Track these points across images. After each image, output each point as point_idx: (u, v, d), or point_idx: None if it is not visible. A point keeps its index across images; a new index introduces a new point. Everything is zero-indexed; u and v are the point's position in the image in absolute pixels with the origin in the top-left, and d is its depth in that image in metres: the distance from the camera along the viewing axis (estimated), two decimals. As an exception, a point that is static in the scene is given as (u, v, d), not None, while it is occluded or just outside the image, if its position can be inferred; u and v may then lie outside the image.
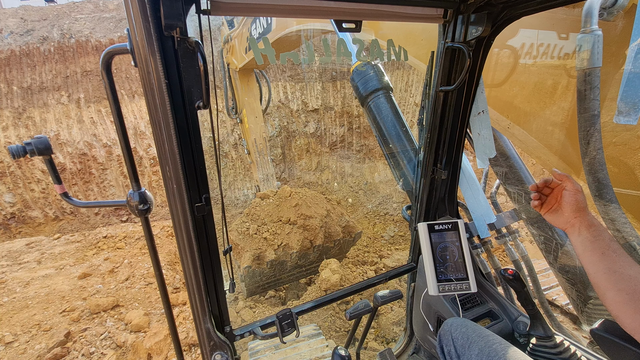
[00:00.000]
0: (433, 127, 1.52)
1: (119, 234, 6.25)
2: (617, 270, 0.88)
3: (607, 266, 0.91)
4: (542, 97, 1.96)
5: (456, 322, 1.27)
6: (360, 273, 5.24)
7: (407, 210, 1.94)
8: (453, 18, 1.26)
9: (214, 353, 1.21)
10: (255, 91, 5.22)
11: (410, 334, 2.07)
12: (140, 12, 0.73)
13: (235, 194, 9.72)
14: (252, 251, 4.82)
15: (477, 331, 1.18)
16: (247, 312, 4.60)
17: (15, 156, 0.90)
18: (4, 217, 8.26)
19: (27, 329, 3.75)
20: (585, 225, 1.00)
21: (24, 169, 8.44)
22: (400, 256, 6.06)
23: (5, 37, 9.12)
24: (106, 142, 8.95)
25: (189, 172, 0.97)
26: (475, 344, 1.13)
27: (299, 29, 3.13)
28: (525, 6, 1.15)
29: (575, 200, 1.02)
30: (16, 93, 8.77)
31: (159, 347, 3.61)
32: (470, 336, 1.17)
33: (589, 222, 1.00)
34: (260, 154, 5.53)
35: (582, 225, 1.01)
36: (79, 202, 1.06)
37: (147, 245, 1.12)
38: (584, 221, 1.01)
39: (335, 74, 10.44)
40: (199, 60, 0.84)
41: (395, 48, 1.31)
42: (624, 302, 0.83)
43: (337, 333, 4.00)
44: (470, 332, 1.19)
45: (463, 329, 1.22)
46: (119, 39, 9.54)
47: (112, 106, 0.92)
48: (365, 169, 10.26)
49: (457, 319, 1.29)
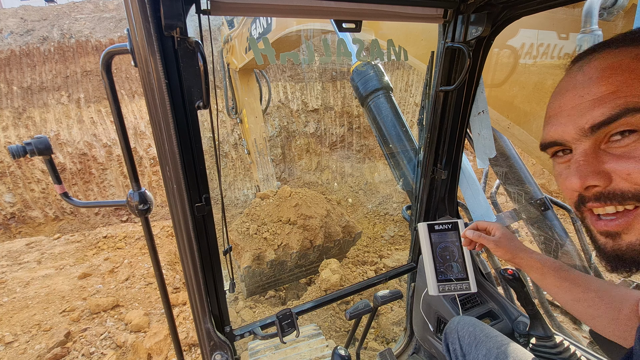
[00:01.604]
0: (433, 127, 1.52)
1: (119, 234, 6.25)
2: (580, 298, 0.86)
3: (569, 298, 0.89)
4: (542, 97, 1.96)
5: (463, 320, 1.26)
6: (360, 273, 5.24)
7: (407, 210, 1.94)
8: (453, 18, 1.26)
9: (214, 353, 1.21)
10: (255, 91, 5.22)
11: (410, 334, 2.07)
12: (140, 12, 0.73)
13: (235, 194, 9.72)
14: (252, 251, 4.82)
15: (484, 331, 1.17)
16: (247, 312, 4.60)
17: (15, 156, 0.90)
18: (4, 217, 8.26)
19: (27, 329, 3.75)
20: (526, 268, 0.99)
21: (24, 169, 8.44)
22: (400, 256, 6.06)
23: (5, 37, 9.12)
24: (106, 142, 8.95)
25: (189, 172, 0.97)
26: (483, 344, 1.12)
27: (299, 29, 3.13)
28: (525, 6, 1.15)
29: (503, 249, 1.02)
30: (16, 93, 8.77)
31: (159, 347, 3.61)
32: (478, 336, 1.15)
33: (529, 265, 0.98)
34: (260, 154, 5.53)
35: (524, 267, 1.00)
36: (79, 202, 1.06)
37: (147, 245, 1.12)
38: (524, 264, 0.99)
39: (335, 74, 10.44)
40: (199, 60, 0.84)
41: (395, 48, 1.31)
42: (602, 326, 0.81)
43: (337, 333, 4.00)
44: (477, 332, 1.17)
45: (470, 327, 1.21)
46: (119, 39, 9.54)
47: (112, 106, 0.92)
48: (365, 169, 10.26)
49: (465, 317, 1.29)
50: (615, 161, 0.48)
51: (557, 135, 0.54)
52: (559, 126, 0.53)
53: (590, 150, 0.50)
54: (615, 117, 0.46)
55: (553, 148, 0.57)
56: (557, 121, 0.54)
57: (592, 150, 0.50)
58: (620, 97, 0.46)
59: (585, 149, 0.51)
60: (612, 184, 0.49)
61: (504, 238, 1.04)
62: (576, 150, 0.52)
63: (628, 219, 0.49)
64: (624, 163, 0.47)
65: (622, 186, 0.48)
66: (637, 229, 0.48)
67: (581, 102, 0.50)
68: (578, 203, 0.55)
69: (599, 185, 0.50)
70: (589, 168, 0.50)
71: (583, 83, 0.51)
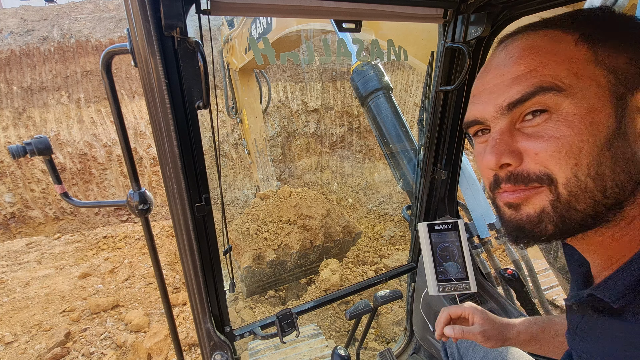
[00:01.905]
0: (433, 127, 1.52)
1: (119, 234, 6.25)
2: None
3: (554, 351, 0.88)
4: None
5: None
6: (360, 273, 5.24)
7: (407, 210, 1.94)
8: (453, 18, 1.26)
9: (214, 353, 1.21)
10: (255, 91, 5.22)
11: (410, 334, 2.07)
12: (140, 12, 0.73)
13: (235, 194, 9.72)
14: (252, 251, 4.82)
15: None
16: (247, 312, 4.60)
17: (15, 156, 0.90)
18: (4, 217, 8.26)
19: (27, 329, 3.75)
20: (520, 346, 0.95)
21: (24, 169, 8.44)
22: (400, 256, 6.06)
23: (5, 37, 9.12)
24: (106, 142, 8.95)
25: (189, 172, 0.97)
26: (479, 346, 1.12)
27: (299, 29, 3.13)
28: (525, 6, 1.15)
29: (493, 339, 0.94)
30: (16, 93, 8.77)
31: (159, 347, 3.61)
32: None
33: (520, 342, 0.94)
34: (260, 154, 5.53)
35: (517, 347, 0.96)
36: (79, 202, 1.06)
37: (147, 245, 1.12)
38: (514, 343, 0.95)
39: (335, 74, 10.44)
40: (199, 60, 0.84)
41: (395, 48, 1.31)
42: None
43: (337, 333, 4.00)
44: None
45: None
46: (119, 39, 9.55)
47: (112, 106, 0.92)
48: (365, 169, 10.26)
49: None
50: (526, 140, 0.50)
51: (479, 114, 0.55)
52: (481, 104, 0.54)
53: (506, 129, 0.51)
54: (529, 94, 0.47)
55: (474, 127, 0.58)
56: (480, 99, 0.55)
57: (508, 129, 0.51)
58: (536, 75, 0.47)
59: (501, 127, 0.52)
60: (523, 164, 0.50)
61: (486, 324, 0.96)
62: (494, 128, 0.53)
63: (528, 193, 0.51)
64: (532, 142, 0.49)
65: (529, 167, 0.50)
66: (534, 202, 0.50)
67: (502, 80, 0.51)
68: (493, 184, 0.56)
69: (512, 164, 0.51)
70: (504, 146, 0.51)
71: (505, 62, 0.52)
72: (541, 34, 0.50)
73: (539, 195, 0.50)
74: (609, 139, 0.45)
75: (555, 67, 0.47)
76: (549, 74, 0.46)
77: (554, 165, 0.47)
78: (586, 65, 0.46)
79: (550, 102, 0.46)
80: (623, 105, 0.46)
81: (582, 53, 0.47)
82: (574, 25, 0.49)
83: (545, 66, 0.47)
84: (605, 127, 0.45)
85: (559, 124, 0.46)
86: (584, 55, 0.46)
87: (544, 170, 0.48)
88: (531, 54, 0.49)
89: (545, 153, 0.47)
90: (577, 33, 0.48)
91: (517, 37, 0.53)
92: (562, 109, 0.46)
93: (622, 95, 0.46)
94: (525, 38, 0.51)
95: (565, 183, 0.47)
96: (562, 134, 0.46)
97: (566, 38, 0.48)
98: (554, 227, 0.49)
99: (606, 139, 0.45)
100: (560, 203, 0.48)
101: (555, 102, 0.46)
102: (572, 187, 0.47)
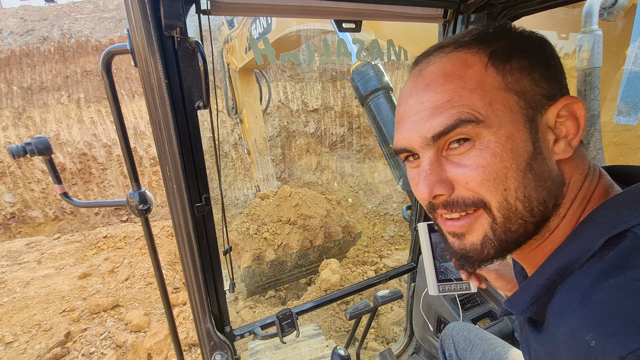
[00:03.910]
0: (433, 127, 1.52)
1: (119, 234, 6.25)
2: None
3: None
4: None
5: (457, 326, 1.27)
6: (360, 273, 5.24)
7: (407, 210, 1.94)
8: (453, 18, 1.26)
9: (214, 353, 1.21)
10: (255, 91, 5.22)
11: (410, 334, 2.07)
12: (140, 12, 0.73)
13: (235, 194, 9.73)
14: (252, 251, 4.82)
15: (479, 334, 1.17)
16: (247, 312, 4.60)
17: (15, 156, 0.90)
18: (4, 217, 8.26)
19: (27, 329, 3.75)
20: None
21: (24, 169, 8.44)
22: (400, 256, 6.06)
23: (5, 37, 9.13)
24: (106, 142, 8.95)
25: (189, 172, 0.97)
26: (478, 347, 1.12)
27: (299, 29, 3.13)
28: (525, 6, 1.15)
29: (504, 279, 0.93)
30: (16, 93, 8.77)
31: (159, 347, 3.61)
32: (473, 339, 1.16)
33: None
34: (260, 154, 5.53)
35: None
36: (79, 202, 1.06)
37: (147, 245, 1.12)
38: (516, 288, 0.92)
39: (335, 74, 10.44)
40: (199, 60, 0.84)
41: (395, 48, 1.31)
42: None
43: (337, 333, 4.00)
44: (472, 336, 1.18)
45: (465, 332, 1.22)
46: (119, 39, 9.55)
47: (112, 106, 0.92)
48: (365, 169, 10.27)
49: (459, 323, 1.29)
50: (455, 168, 0.51)
51: (406, 143, 0.56)
52: (406, 132, 0.55)
53: (434, 159, 0.52)
54: (451, 127, 0.48)
55: (404, 154, 0.59)
56: (405, 127, 0.55)
57: (436, 158, 0.52)
58: (454, 106, 0.48)
59: (430, 157, 0.53)
60: (455, 192, 0.52)
61: (502, 265, 0.97)
62: (423, 157, 0.54)
63: (470, 220, 0.52)
64: (461, 171, 0.50)
65: (462, 194, 0.51)
66: (476, 230, 0.52)
67: (423, 109, 0.51)
68: (429, 208, 0.58)
69: (444, 194, 0.52)
70: (434, 177, 0.52)
71: (423, 88, 0.52)
72: (452, 57, 0.51)
73: (479, 220, 0.52)
74: (528, 162, 0.47)
75: (470, 96, 0.47)
76: (465, 104, 0.47)
77: (485, 192, 0.49)
78: (497, 93, 0.47)
79: (472, 132, 0.48)
80: (535, 127, 0.48)
81: (491, 78, 0.48)
82: (481, 45, 0.50)
83: (461, 96, 0.48)
84: (524, 151, 0.47)
85: (482, 152, 0.48)
86: (494, 80, 0.48)
87: (477, 196, 0.50)
88: (446, 82, 0.49)
89: (474, 182, 0.49)
90: (485, 56, 0.49)
91: (431, 61, 0.53)
92: (484, 138, 0.48)
93: (533, 117, 0.48)
94: (438, 62, 0.52)
95: (498, 207, 0.49)
96: (488, 162, 0.48)
97: (476, 62, 0.49)
98: (495, 250, 0.52)
99: (526, 163, 0.47)
100: (497, 225, 0.50)
101: (476, 132, 0.48)
102: (504, 210, 0.49)
